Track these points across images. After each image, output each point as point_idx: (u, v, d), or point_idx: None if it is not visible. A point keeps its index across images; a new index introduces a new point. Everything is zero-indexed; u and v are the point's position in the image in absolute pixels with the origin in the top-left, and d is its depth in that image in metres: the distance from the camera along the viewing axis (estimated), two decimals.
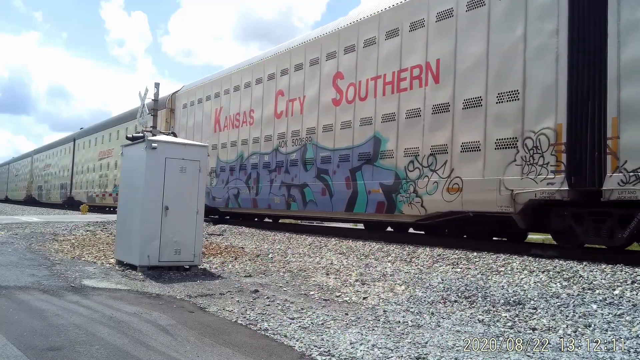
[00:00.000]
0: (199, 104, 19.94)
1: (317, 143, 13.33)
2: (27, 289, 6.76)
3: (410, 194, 10.50)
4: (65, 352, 4.20)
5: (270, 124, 15.35)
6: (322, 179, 12.99)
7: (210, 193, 18.00)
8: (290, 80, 14.71)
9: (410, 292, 6.97)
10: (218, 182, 18.02)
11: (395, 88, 11.19)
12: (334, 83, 12.97)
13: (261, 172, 15.50)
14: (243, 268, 9.28)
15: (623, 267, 7.15)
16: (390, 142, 11.18)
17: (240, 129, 16.98)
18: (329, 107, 13.05)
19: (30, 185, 51.98)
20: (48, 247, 11.26)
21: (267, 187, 15.02)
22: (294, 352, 4.43)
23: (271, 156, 15.15)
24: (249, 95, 16.65)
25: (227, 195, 17.25)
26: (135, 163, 9.19)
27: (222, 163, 17.88)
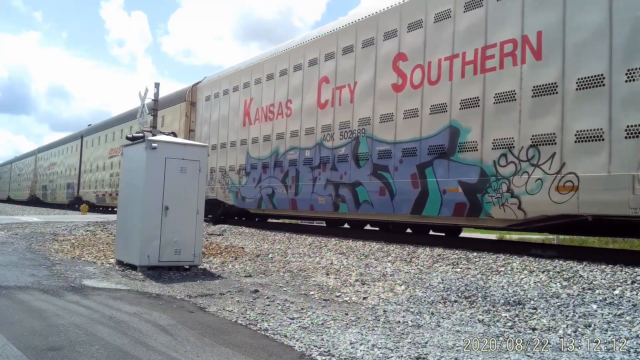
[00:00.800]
0: (224, 96, 18.17)
1: (372, 135, 11.61)
2: (27, 289, 6.76)
3: (503, 193, 8.80)
4: (65, 352, 4.20)
5: (312, 115, 13.61)
6: (379, 177, 11.30)
7: (239, 193, 16.47)
8: (338, 65, 12.94)
9: (410, 292, 6.97)
10: (248, 180, 16.17)
11: (478, 68, 9.43)
12: (394, 66, 11.23)
13: (301, 170, 13.73)
14: (243, 268, 9.28)
15: (623, 267, 7.15)
16: (472, 132, 9.42)
17: (275, 122, 15.19)
18: (387, 94, 11.31)
19: (34, 185, 50.13)
20: (48, 247, 11.26)
21: (309, 186, 13.38)
22: (294, 352, 4.43)
23: (314, 151, 13.40)
24: (286, 83, 14.88)
25: (259, 195, 15.51)
26: (135, 163, 9.19)
27: (253, 160, 16.08)
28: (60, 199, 40.26)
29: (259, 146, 15.90)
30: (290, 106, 14.61)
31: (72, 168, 38.05)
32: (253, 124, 16.34)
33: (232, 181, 17.02)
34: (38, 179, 49.07)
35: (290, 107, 14.61)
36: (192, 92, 20.74)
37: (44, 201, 45.10)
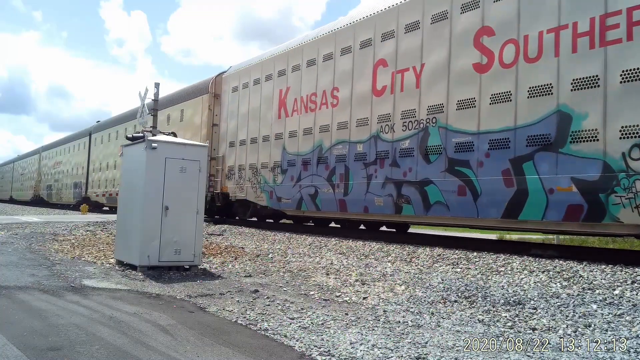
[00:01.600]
0: (255, 86, 16.56)
1: (446, 125, 9.97)
2: (27, 289, 6.76)
3: (637, 193, 7.35)
4: (65, 352, 4.20)
5: (366, 104, 11.97)
6: (457, 173, 9.67)
7: (274, 193, 14.89)
8: (398, 45, 11.23)
9: (410, 292, 6.97)
10: (285, 179, 14.54)
11: (596, 40, 7.86)
12: (476, 42, 9.55)
13: (352, 166, 12.16)
14: (243, 268, 9.28)
15: (623, 267, 7.16)
16: (590, 118, 7.86)
17: (317, 113, 13.56)
18: (467, 76, 9.64)
19: (38, 184, 47.70)
20: (48, 247, 11.26)
21: (362, 185, 11.76)
22: (294, 352, 4.43)
23: (368, 145, 11.78)
24: (331, 69, 13.23)
25: (298, 195, 13.88)
26: (135, 163, 9.19)
27: (290, 156, 14.43)
28: (66, 199, 38.38)
29: (297, 140, 14.23)
30: (336, 95, 12.96)
31: (79, 167, 36.00)
32: (290, 116, 14.64)
33: (265, 180, 15.42)
34: (42, 179, 46.83)
35: (336, 96, 12.96)
36: (216, 83, 19.08)
37: (49, 201, 43.25)
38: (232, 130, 17.64)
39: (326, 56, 13.53)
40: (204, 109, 19.31)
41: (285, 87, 15.04)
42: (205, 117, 19.06)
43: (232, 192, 17.27)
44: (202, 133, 19.06)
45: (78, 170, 36.06)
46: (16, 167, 60.08)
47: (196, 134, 19.41)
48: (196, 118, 19.82)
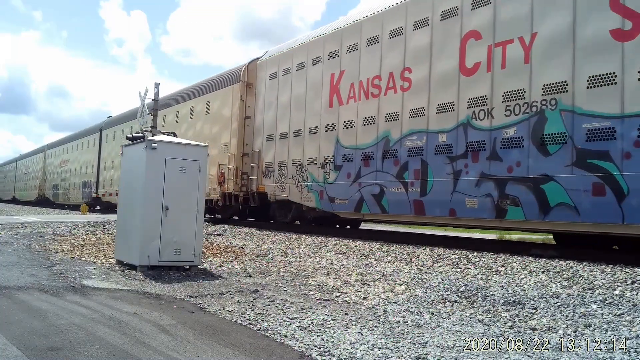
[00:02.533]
0: (299, 71, 14.60)
1: (572, 107, 8.14)
2: (27, 289, 6.76)
3: None
4: (65, 352, 4.20)
5: (450, 86, 10.04)
6: (591, 168, 7.89)
7: (325, 192, 13.01)
8: (497, 13, 9.35)
9: (410, 292, 6.97)
10: (339, 176, 12.67)
11: None
12: (613, 3, 7.77)
13: (431, 160, 10.30)
14: (243, 268, 9.28)
15: (623, 267, 7.16)
16: None
17: (382, 99, 11.67)
18: (602, 45, 7.84)
19: (43, 184, 45.42)
20: (48, 247, 11.26)
21: (447, 183, 9.94)
22: (294, 352, 4.43)
23: (453, 135, 9.88)
24: (400, 47, 11.31)
25: (357, 195, 12.02)
26: (135, 163, 9.19)
27: (345, 150, 12.59)
28: (74, 200, 36.06)
29: (355, 132, 12.36)
30: (408, 77, 11.02)
31: (88, 165, 33.82)
32: (345, 104, 12.75)
33: (313, 178, 13.47)
34: (48, 178, 44.57)
35: (408, 78, 11.02)
36: (249, 71, 17.21)
37: (55, 202, 41.15)
38: (270, 122, 15.75)
39: (393, 32, 11.53)
40: (234, 99, 17.42)
41: (338, 71, 13.03)
42: (237, 109, 17.16)
43: (271, 192, 15.34)
44: (233, 127, 17.31)
45: (87, 169, 34.04)
46: (19, 166, 57.95)
47: (225, 128, 17.85)
48: (225, 110, 18.01)
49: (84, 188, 34.08)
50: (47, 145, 47.45)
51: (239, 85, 17.31)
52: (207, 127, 19.15)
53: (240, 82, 17.27)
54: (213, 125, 18.66)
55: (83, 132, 37.33)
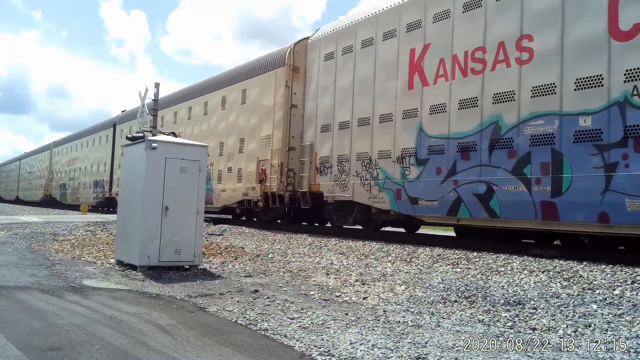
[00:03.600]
0: (365, 48, 12.47)
1: None
2: (27, 289, 6.77)
3: None
4: (65, 352, 4.20)
5: (595, 55, 8.04)
6: None
7: (404, 192, 10.98)
8: None
9: (410, 292, 6.97)
10: (424, 172, 10.57)
11: None
12: None
13: (568, 151, 8.26)
14: (243, 268, 9.28)
15: (623, 267, 7.16)
16: None
17: (486, 76, 9.62)
18: None
19: (50, 183, 43.10)
20: (48, 247, 11.26)
21: (596, 179, 7.90)
22: (294, 352, 4.43)
23: (603, 117, 7.87)
24: (514, 11, 9.27)
25: (452, 195, 9.90)
26: (135, 163, 9.19)
27: (433, 140, 10.46)
28: (85, 200, 33.41)
29: (447, 117, 10.14)
30: (527, 46, 9.01)
31: (100, 163, 31.51)
32: (432, 85, 10.53)
33: (387, 174, 11.46)
34: (54, 177, 42.10)
35: (527, 48, 9.00)
36: (296, 53, 15.11)
37: (63, 202, 38.56)
38: (326, 110, 13.69)
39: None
40: (277, 86, 15.36)
41: (420, 45, 10.86)
42: (281, 97, 15.14)
43: (327, 192, 13.31)
44: (276, 117, 15.33)
45: (99, 167, 31.52)
46: (23, 165, 55.36)
47: (266, 119, 15.88)
48: (266, 99, 15.98)
49: (96, 187, 31.99)
50: (53, 142, 44.99)
51: (283, 70, 15.19)
52: (243, 118, 17.24)
53: (284, 66, 15.13)
54: (251, 116, 16.73)
55: (94, 128, 34.88)
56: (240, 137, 17.26)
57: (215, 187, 18.49)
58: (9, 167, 63.94)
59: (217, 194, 18.41)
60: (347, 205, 13.00)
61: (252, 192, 16.04)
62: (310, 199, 14.12)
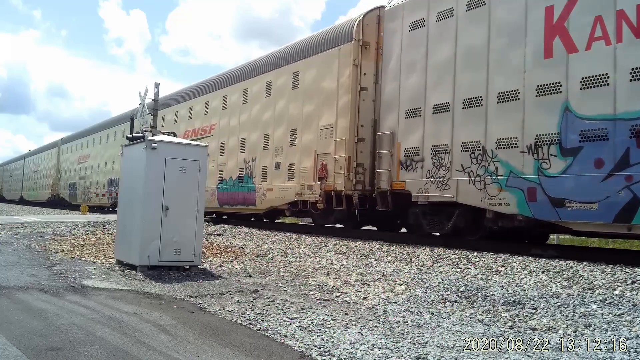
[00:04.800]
0: (472, 11, 10.05)
1: None
2: (27, 289, 6.76)
3: None
4: (65, 352, 4.20)
5: None
6: None
7: (541, 191, 8.63)
8: None
9: (410, 292, 6.97)
10: (573, 164, 8.25)
11: None
12: None
13: None
14: (243, 268, 9.28)
15: (623, 267, 7.16)
16: None
17: None
18: None
19: (57, 183, 40.86)
20: (48, 247, 11.26)
21: None
22: (294, 352, 4.43)
23: None
24: None
25: (624, 195, 7.58)
26: (135, 163, 9.19)
27: (588, 122, 8.10)
28: (97, 200, 31.67)
29: (612, 92, 7.82)
30: None
31: (116, 160, 28.50)
32: (584, 50, 8.18)
33: (511, 169, 9.12)
34: (62, 176, 39.85)
35: None
36: (365, 26, 12.88)
37: (72, 203, 36.00)
38: (413, 91, 11.22)
39: None
40: (341, 66, 13.03)
41: (562, 1, 8.58)
42: (347, 78, 12.82)
43: (416, 191, 10.93)
44: (340, 103, 13.00)
45: (115, 165, 28.96)
46: (27, 163, 52.86)
47: (326, 105, 13.49)
48: (326, 82, 13.60)
49: (110, 187, 29.70)
50: (61, 139, 42.57)
51: (349, 47, 12.94)
52: (295, 105, 14.85)
53: (351, 41, 12.88)
54: (305, 102, 14.34)
55: (108, 123, 32.32)
56: (291, 127, 14.92)
57: (259, 186, 16.17)
58: (13, 166, 61.62)
59: (261, 194, 16.01)
60: (443, 208, 10.57)
61: (309, 191, 13.68)
62: (391, 200, 11.51)
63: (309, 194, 13.78)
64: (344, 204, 12.70)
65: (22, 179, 54.31)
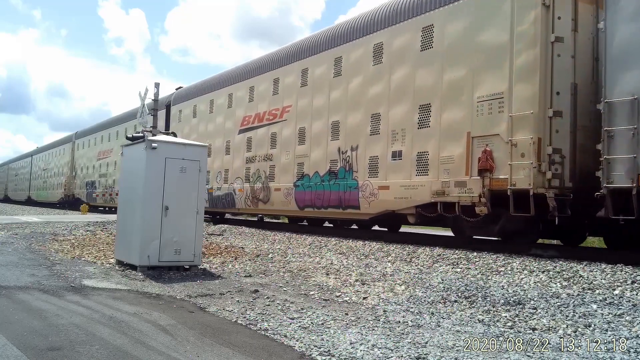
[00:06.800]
0: None
1: None
2: (27, 289, 6.76)
3: None
4: (65, 352, 4.20)
5: None
6: None
7: None
8: None
9: (410, 292, 6.97)
10: None
11: None
12: None
13: None
14: (243, 268, 9.28)
15: (623, 267, 7.16)
16: None
17: None
18: None
19: (72, 181, 37.23)
20: (48, 247, 11.26)
21: None
22: (294, 352, 4.43)
23: None
24: None
25: None
26: (135, 163, 9.19)
27: None
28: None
29: None
30: None
31: None
32: None
33: None
34: (78, 174, 36.21)
35: None
36: None
37: (91, 204, 31.74)
38: None
39: None
40: (520, 8, 9.30)
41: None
42: (529, 26, 9.16)
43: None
44: (518, 61, 9.25)
45: None
46: (35, 161, 49.49)
47: (490, 66, 9.68)
48: (488, 34, 9.80)
49: None
50: (75, 133, 38.70)
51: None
52: (428, 72, 11.02)
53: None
54: (447, 66, 10.57)
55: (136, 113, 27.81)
56: (420, 103, 11.08)
57: (363, 183, 12.34)
58: (19, 165, 57.58)
59: (369, 194, 12.15)
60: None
61: (458, 189, 9.98)
62: (637, 204, 7.46)
63: (458, 193, 9.96)
64: (532, 207, 8.67)
65: (29, 178, 50.63)
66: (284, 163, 14.93)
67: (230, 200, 17.69)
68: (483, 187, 9.45)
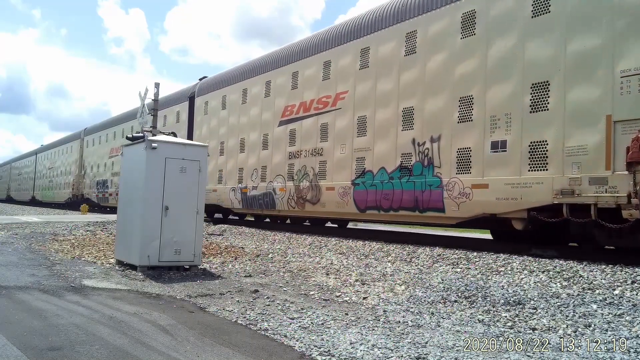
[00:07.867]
0: None
1: None
2: (27, 289, 6.76)
3: None
4: (65, 352, 4.20)
5: None
6: None
7: None
8: None
9: (410, 292, 6.97)
10: None
11: None
12: None
13: None
14: (243, 268, 9.28)
15: (623, 267, 7.16)
16: None
17: None
18: None
19: (81, 180, 35.11)
20: (48, 247, 11.26)
21: None
22: (294, 352, 4.43)
23: None
24: None
25: None
26: (135, 163, 9.19)
27: None
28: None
29: None
30: None
31: None
32: None
33: None
34: (87, 172, 34.19)
35: None
36: None
37: (103, 205, 30.17)
38: None
39: None
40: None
41: None
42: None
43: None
44: None
45: None
46: (40, 159, 47.50)
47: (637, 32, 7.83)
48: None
49: None
50: (84, 130, 36.60)
51: None
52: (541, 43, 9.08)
53: None
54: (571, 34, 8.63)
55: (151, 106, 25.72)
56: (531, 81, 9.15)
57: (450, 181, 10.43)
58: (22, 164, 55.12)
59: (457, 194, 10.25)
60: None
61: (598, 187, 8.04)
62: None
63: (595, 193, 8.08)
64: None
65: (34, 178, 48.28)
66: (339, 158, 13.14)
67: (269, 200, 15.67)
68: (634, 185, 7.48)
